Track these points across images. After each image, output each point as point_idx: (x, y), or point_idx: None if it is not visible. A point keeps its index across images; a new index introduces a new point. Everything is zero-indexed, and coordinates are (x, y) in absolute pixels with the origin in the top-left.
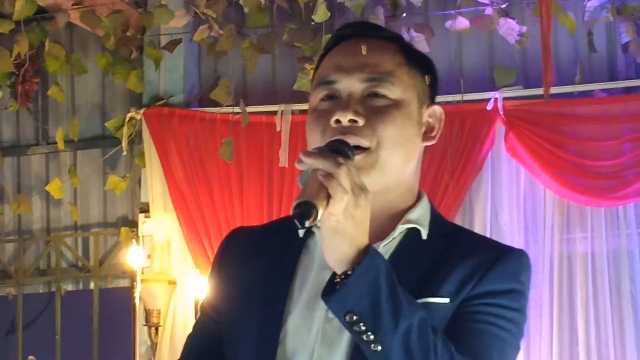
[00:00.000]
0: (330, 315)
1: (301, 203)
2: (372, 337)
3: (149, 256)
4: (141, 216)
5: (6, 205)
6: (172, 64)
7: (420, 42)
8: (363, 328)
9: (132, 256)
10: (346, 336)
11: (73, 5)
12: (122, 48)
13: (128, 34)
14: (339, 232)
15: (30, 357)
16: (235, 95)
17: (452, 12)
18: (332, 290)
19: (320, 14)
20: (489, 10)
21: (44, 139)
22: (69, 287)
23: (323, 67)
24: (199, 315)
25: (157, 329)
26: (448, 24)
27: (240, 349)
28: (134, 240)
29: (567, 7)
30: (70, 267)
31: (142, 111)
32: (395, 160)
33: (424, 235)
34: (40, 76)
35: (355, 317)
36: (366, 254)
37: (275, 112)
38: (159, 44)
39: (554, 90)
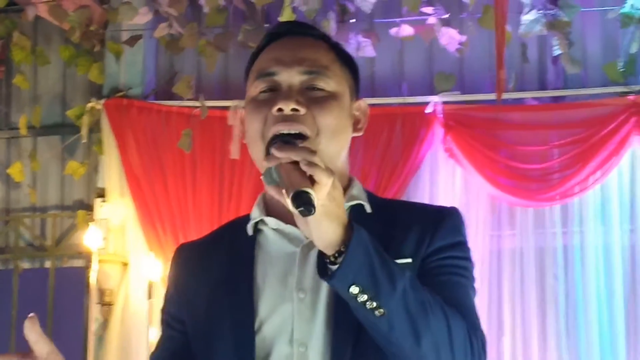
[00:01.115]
0: (301, 295)
1: (298, 193)
2: (374, 303)
3: (104, 238)
4: (98, 200)
5: None
6: (132, 58)
7: (366, 47)
8: (365, 297)
9: (89, 238)
10: (320, 311)
11: None
12: (85, 41)
13: (91, 28)
14: (328, 215)
15: (31, 314)
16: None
17: (397, 20)
18: (326, 270)
19: (286, 16)
20: (431, 20)
21: (6, 125)
22: (26, 265)
23: (261, 60)
24: (162, 331)
25: (109, 308)
26: (393, 31)
27: (217, 348)
28: (92, 223)
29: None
30: (27, 246)
31: (102, 102)
32: (333, 148)
33: (368, 209)
34: (5, 65)
35: (358, 288)
36: (352, 229)
37: (227, 107)
38: (119, 38)
39: (488, 96)
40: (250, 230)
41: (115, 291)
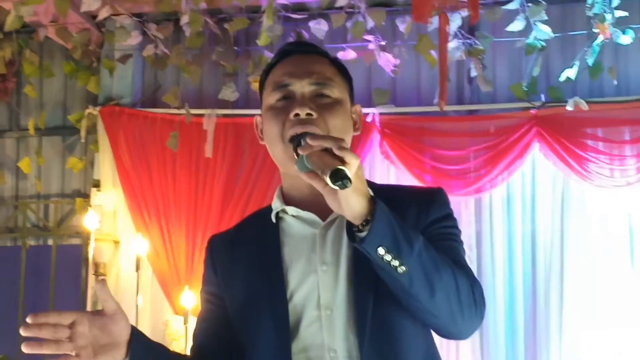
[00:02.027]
0: (324, 267)
1: (336, 171)
2: (397, 262)
3: (99, 221)
4: (93, 190)
5: None
6: (123, 72)
7: None
8: (389, 257)
9: (88, 220)
10: (341, 279)
11: (50, 22)
12: (85, 58)
13: (90, 47)
14: (356, 190)
15: (102, 277)
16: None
17: (343, 45)
18: (354, 237)
19: (263, 40)
20: (371, 46)
21: (16, 126)
22: (32, 243)
23: (276, 74)
24: (202, 307)
25: (103, 278)
26: (340, 54)
27: (256, 316)
28: (89, 208)
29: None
30: (33, 227)
31: (98, 109)
32: None
33: (371, 192)
34: (17, 77)
35: (384, 249)
36: (374, 201)
37: (202, 115)
38: (113, 56)
39: (417, 109)
40: (273, 218)
41: (109, 265)
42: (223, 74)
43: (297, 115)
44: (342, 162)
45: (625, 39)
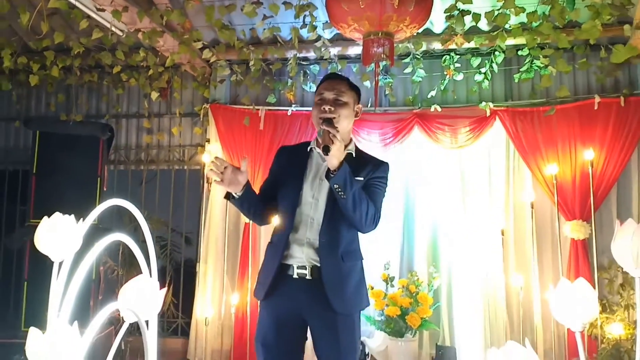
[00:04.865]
0: (320, 181)
1: (325, 146)
2: (342, 193)
3: (209, 158)
4: (207, 144)
5: (154, 135)
6: (221, 87)
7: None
8: (339, 190)
9: (204, 157)
10: (324, 189)
11: (187, 62)
12: (202, 80)
13: (205, 75)
14: (334, 155)
15: (243, 158)
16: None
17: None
18: (328, 177)
19: (292, 73)
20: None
21: (169, 112)
22: (177, 167)
23: (319, 88)
24: (267, 176)
25: (211, 185)
26: None
27: (286, 189)
28: (205, 152)
29: (368, 78)
30: (178, 160)
31: (209, 105)
32: (345, 125)
33: (354, 155)
34: (169, 89)
35: (337, 186)
36: (341, 162)
37: (259, 109)
38: (216, 79)
39: (364, 109)
40: (308, 150)
41: (212, 179)
42: (269, 89)
43: (324, 108)
44: (332, 141)
45: (459, 77)
